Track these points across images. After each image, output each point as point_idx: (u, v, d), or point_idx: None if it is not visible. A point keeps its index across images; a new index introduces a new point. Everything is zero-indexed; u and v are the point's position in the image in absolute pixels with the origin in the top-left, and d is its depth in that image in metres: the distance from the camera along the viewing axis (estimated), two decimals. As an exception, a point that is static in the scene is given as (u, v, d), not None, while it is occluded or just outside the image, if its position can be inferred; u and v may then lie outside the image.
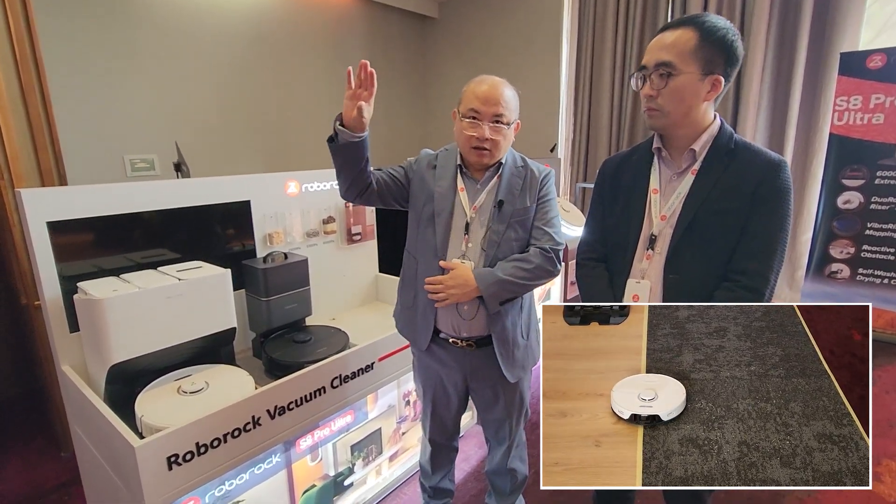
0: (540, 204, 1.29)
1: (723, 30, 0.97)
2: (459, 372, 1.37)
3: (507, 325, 1.29)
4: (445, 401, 1.45)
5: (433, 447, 1.57)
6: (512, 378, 1.33)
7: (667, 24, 1.03)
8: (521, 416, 1.45)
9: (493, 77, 1.25)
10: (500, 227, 1.25)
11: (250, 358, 1.79)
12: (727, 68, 0.99)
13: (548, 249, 1.24)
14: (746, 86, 3.36)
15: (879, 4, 3.21)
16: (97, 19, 2.91)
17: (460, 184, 1.30)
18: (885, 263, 2.99)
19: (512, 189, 1.27)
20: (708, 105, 1.03)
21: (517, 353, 1.33)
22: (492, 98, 1.20)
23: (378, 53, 4.71)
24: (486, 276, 1.20)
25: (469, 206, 1.28)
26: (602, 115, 4.13)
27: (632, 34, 3.86)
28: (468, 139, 1.23)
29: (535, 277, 1.22)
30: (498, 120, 1.21)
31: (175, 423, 1.13)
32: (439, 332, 1.33)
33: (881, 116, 2.87)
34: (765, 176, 0.99)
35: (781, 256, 1.00)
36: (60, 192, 1.41)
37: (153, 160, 3.23)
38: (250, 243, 1.82)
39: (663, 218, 1.07)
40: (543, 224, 1.27)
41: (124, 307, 1.27)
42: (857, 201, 3.02)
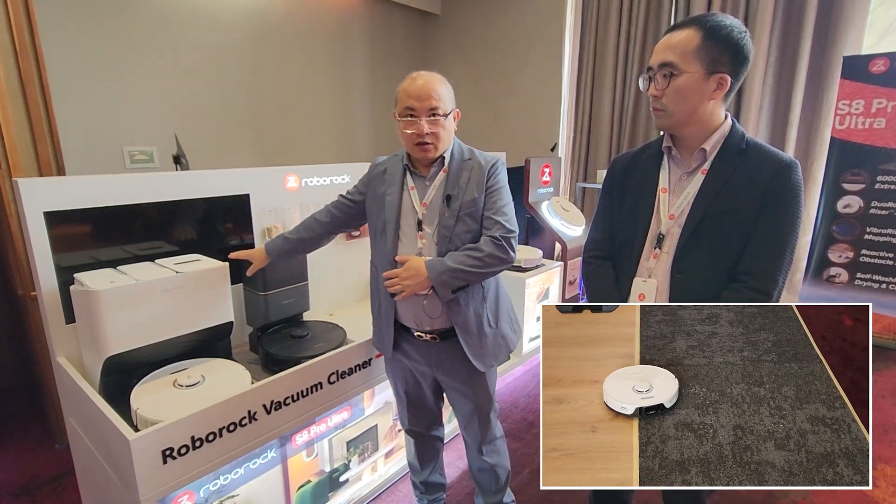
0: (489, 194, 1.29)
1: (727, 28, 0.96)
2: (426, 365, 1.40)
3: (469, 317, 1.31)
4: (418, 390, 1.48)
5: (415, 438, 1.58)
6: (483, 367, 1.35)
7: (672, 24, 1.03)
8: (490, 407, 1.45)
9: (423, 72, 1.27)
10: (450, 220, 1.27)
11: (247, 352, 1.78)
12: (734, 66, 0.98)
13: (498, 238, 1.25)
14: (748, 88, 3.36)
15: (883, 8, 3.21)
16: (98, 9, 2.89)
17: (410, 183, 1.33)
18: (883, 268, 2.99)
19: (459, 182, 1.29)
20: (715, 104, 1.02)
21: (486, 341, 1.34)
22: (423, 93, 1.23)
23: (380, 49, 4.69)
24: (437, 265, 1.23)
25: (419, 204, 1.31)
26: (603, 115, 4.12)
27: (635, 34, 3.85)
28: (409, 137, 1.26)
29: (485, 265, 1.24)
30: (434, 113, 1.24)
31: (170, 417, 1.13)
32: (406, 327, 1.37)
33: (882, 121, 2.87)
34: (776, 176, 0.98)
35: (791, 258, 0.99)
36: (58, 182, 1.40)
37: (152, 152, 3.22)
38: (249, 237, 1.81)
39: (671, 217, 1.07)
40: (493, 213, 1.28)
41: (121, 299, 1.26)
42: (856, 205, 3.02)
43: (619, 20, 3.92)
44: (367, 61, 4.58)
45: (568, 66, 4.39)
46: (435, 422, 1.57)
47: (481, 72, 4.95)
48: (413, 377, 1.46)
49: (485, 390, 1.42)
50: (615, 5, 3.91)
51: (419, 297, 1.30)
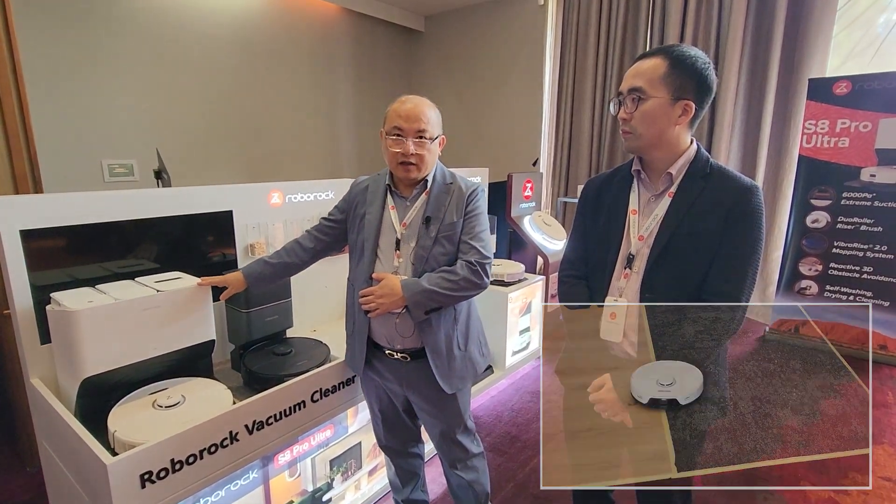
0: (467, 219, 1.32)
1: (692, 58, 1.03)
2: (397, 383, 1.41)
3: (439, 338, 1.33)
4: (392, 407, 1.49)
5: (391, 455, 1.58)
6: (449, 389, 1.36)
7: (642, 53, 1.09)
8: (460, 428, 1.46)
9: (415, 97, 1.31)
10: (428, 242, 1.30)
11: (229, 370, 1.76)
12: (698, 94, 1.04)
13: (473, 262, 1.28)
14: (721, 109, 3.49)
15: (846, 33, 3.39)
16: (78, 21, 2.87)
17: (390, 202, 1.36)
18: (850, 281, 3.11)
19: (439, 205, 1.32)
20: (682, 129, 1.07)
21: (454, 364, 1.36)
22: (413, 115, 1.26)
23: (364, 64, 4.74)
24: (412, 286, 1.25)
25: (399, 223, 1.33)
26: (583, 132, 4.22)
27: (612, 55, 3.98)
28: (394, 155, 1.28)
29: (459, 289, 1.26)
30: (421, 135, 1.27)
31: (150, 439, 1.11)
32: (378, 345, 1.38)
33: (846, 140, 3.01)
34: (738, 200, 1.03)
35: (753, 278, 1.03)
36: (35, 200, 1.37)
37: (132, 165, 3.18)
38: (231, 253, 1.80)
39: (641, 238, 1.11)
40: (470, 238, 1.31)
41: (99, 319, 1.24)
42: (824, 220, 3.15)
43: (598, 40, 4.05)
44: (350, 77, 4.62)
45: (549, 83, 4.49)
46: (411, 438, 1.57)
47: (464, 88, 5.02)
48: (386, 395, 1.47)
49: (454, 411, 1.42)
50: (593, 26, 4.03)
51: (392, 316, 1.31)
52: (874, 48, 3.33)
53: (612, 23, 3.94)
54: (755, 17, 3.41)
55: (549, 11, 4.34)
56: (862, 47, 3.37)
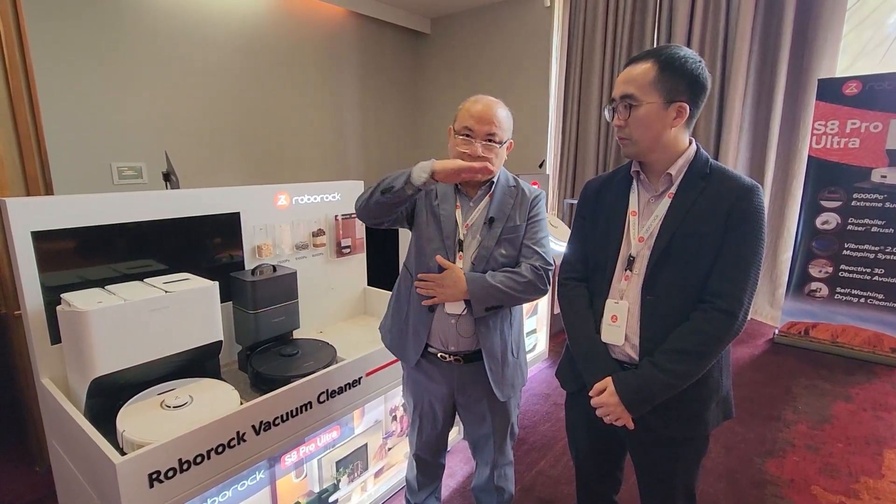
0: (530, 223, 1.32)
1: (681, 59, 1.01)
2: (447, 387, 1.38)
3: (496, 341, 1.31)
4: (431, 417, 1.45)
5: (419, 463, 1.56)
6: (502, 396, 1.34)
7: (631, 58, 1.08)
8: (507, 434, 1.45)
9: (489, 97, 1.29)
10: (490, 242, 1.28)
11: (236, 371, 1.77)
12: (692, 95, 1.02)
13: (538, 267, 1.27)
14: (729, 110, 3.46)
15: (855, 33, 3.35)
16: (90, 25, 2.90)
17: (456, 202, 1.33)
18: (861, 283, 3.08)
19: (503, 207, 1.31)
20: (678, 131, 1.06)
21: (507, 370, 1.34)
22: (485, 117, 1.24)
23: (371, 67, 4.76)
24: (478, 280, 1.24)
25: (462, 224, 1.31)
26: (590, 133, 4.20)
27: (619, 56, 3.96)
28: (460, 156, 1.26)
29: (523, 290, 1.25)
30: (490, 139, 1.25)
31: (158, 439, 1.11)
32: (428, 346, 1.34)
33: (857, 141, 2.98)
34: (738, 200, 1.01)
35: (755, 279, 1.02)
36: (46, 202, 1.39)
37: (141, 168, 3.21)
38: (238, 255, 1.81)
39: (641, 239, 1.10)
40: (533, 243, 1.30)
41: (108, 320, 1.25)
42: (834, 222, 3.12)
43: (605, 41, 4.03)
44: (357, 79, 4.64)
45: (555, 85, 4.49)
46: (441, 450, 1.55)
47: (470, 90, 4.98)
48: (429, 404, 1.43)
49: (505, 416, 1.41)
50: (600, 28, 4.02)
51: (450, 317, 1.29)
52: (884, 48, 3.30)
53: (619, 24, 3.93)
54: (763, 17, 3.39)
55: (555, 13, 4.34)
56: (872, 47, 3.34)
